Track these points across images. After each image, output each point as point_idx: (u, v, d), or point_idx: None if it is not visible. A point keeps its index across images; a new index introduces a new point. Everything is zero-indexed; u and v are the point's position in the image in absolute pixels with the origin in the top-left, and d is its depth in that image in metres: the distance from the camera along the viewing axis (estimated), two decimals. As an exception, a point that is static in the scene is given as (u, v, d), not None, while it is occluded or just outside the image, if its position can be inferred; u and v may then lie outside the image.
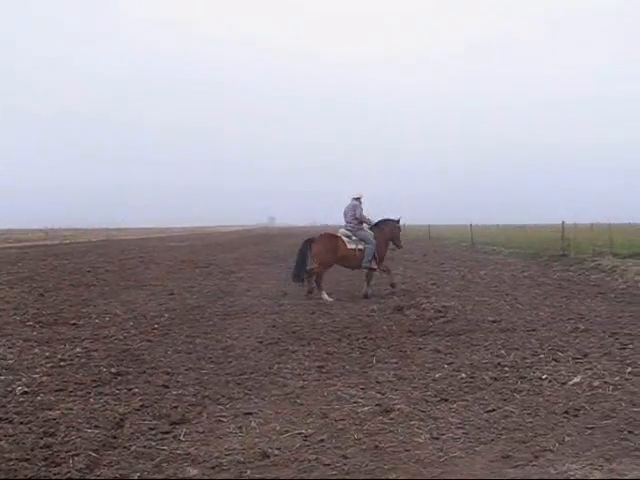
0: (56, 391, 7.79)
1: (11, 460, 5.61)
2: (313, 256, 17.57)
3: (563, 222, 33.11)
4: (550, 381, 8.11)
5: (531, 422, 6.61)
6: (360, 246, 17.87)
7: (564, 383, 8.00)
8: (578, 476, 5.20)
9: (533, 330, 11.48)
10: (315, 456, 5.80)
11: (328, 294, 16.95)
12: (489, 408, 7.09)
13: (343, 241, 17.82)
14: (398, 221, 19.21)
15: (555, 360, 9.21)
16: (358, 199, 18.29)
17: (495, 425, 6.55)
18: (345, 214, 18.25)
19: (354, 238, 17.94)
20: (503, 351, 9.83)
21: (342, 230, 18.20)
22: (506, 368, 8.82)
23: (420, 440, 6.18)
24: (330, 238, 18.02)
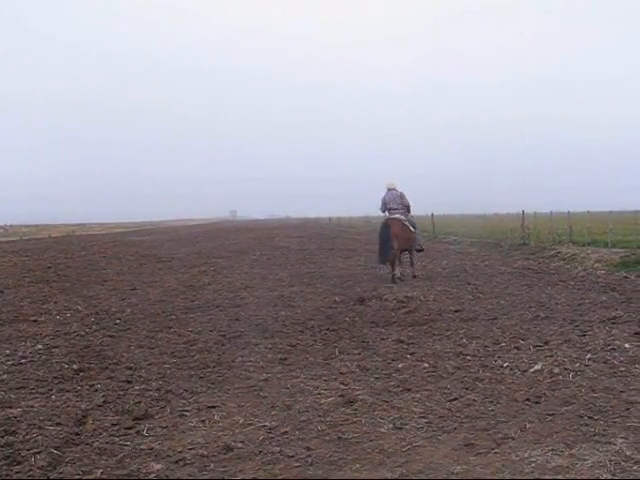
0: (17, 389, 7.72)
1: (-29, 459, 5.57)
2: (393, 239, 18.36)
3: (523, 211, 33.36)
4: (511, 369, 8.19)
5: (493, 410, 6.66)
6: (412, 230, 19.37)
7: (525, 371, 8.08)
8: (539, 462, 5.25)
9: (494, 319, 11.58)
10: (279, 448, 5.81)
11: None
12: (452, 397, 7.13)
13: (407, 225, 19.15)
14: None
15: (516, 348, 9.29)
16: (395, 188, 19.41)
17: (457, 414, 6.59)
18: (389, 202, 19.25)
19: (406, 223, 19.18)
20: (465, 340, 9.90)
21: (398, 216, 19.05)
22: (468, 357, 8.89)
23: (383, 430, 6.21)
24: (401, 223, 18.97)
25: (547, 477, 4.97)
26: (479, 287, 16.05)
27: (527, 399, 6.94)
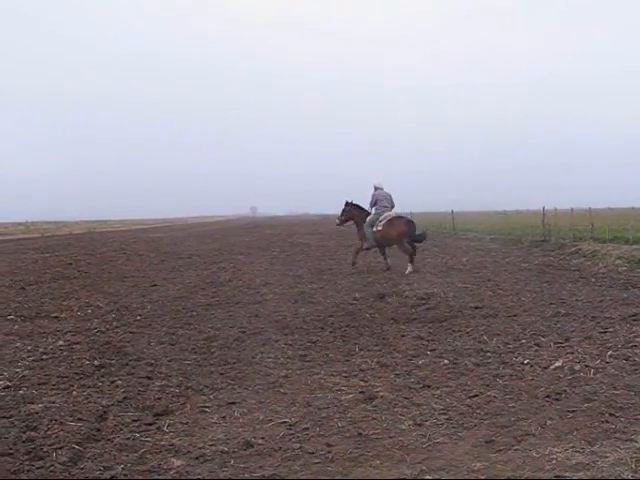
0: (38, 385, 7.76)
1: (-6, 454, 5.60)
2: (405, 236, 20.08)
3: (544, 208, 33.23)
4: (532, 366, 8.16)
5: (513, 407, 6.65)
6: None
7: (546, 367, 8.05)
8: (560, 459, 5.23)
9: (515, 315, 11.54)
10: (299, 445, 5.81)
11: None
12: (472, 394, 7.11)
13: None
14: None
15: (537, 345, 9.26)
16: (382, 188, 20.95)
17: (478, 410, 6.58)
18: (381, 200, 20.60)
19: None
20: (485, 337, 9.87)
21: (391, 213, 20.62)
22: (488, 354, 8.87)
23: (403, 427, 6.20)
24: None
25: (568, 474, 4.95)
26: (499, 284, 15.99)
27: (548, 396, 6.92)
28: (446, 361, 8.55)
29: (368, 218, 20.75)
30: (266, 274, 19.70)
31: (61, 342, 10.10)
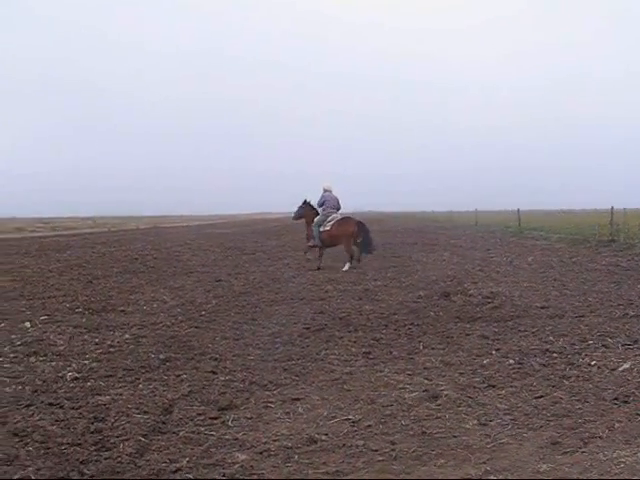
0: (106, 377, 7.88)
1: (62, 444, 5.70)
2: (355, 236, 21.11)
3: (612, 207, 32.72)
4: (599, 367, 8.04)
5: (580, 408, 6.56)
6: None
7: (613, 369, 7.93)
8: (628, 462, 5.14)
9: (582, 316, 11.37)
10: (363, 442, 5.81)
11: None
12: (537, 394, 7.04)
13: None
14: None
15: (604, 346, 9.12)
16: (331, 191, 22.14)
17: (544, 411, 6.51)
18: (329, 201, 21.75)
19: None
20: (551, 337, 9.75)
21: (338, 216, 21.69)
22: (555, 354, 8.75)
23: (468, 426, 6.16)
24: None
25: (637, 478, 4.87)
26: (566, 284, 15.78)
27: (615, 398, 6.82)
28: (511, 361, 8.47)
29: (316, 218, 21.96)
30: (330, 271, 19.73)
31: (128, 335, 10.24)
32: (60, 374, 7.97)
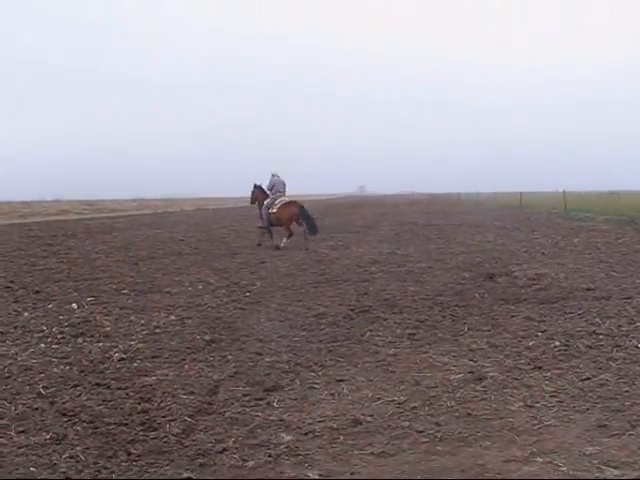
0: (152, 358, 7.97)
1: (110, 424, 5.78)
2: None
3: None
4: (647, 349, 7.95)
5: (627, 391, 6.48)
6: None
7: (662, 351, 7.83)
8: (678, 446, 5.09)
9: (629, 298, 11.21)
10: (408, 423, 5.81)
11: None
12: (584, 376, 6.96)
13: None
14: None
15: (652, 328, 9.01)
16: (279, 176, 23.66)
17: (590, 394, 6.44)
18: (276, 185, 23.31)
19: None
20: (598, 319, 9.63)
21: (285, 198, 23.24)
22: (601, 336, 8.65)
23: (513, 408, 6.12)
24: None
25: (685, 462, 4.81)
26: (612, 265, 15.58)
27: (664, 380, 6.73)
28: (557, 343, 8.38)
29: (266, 201, 23.17)
30: (374, 252, 19.68)
31: (173, 317, 10.32)
32: (107, 355, 8.08)
